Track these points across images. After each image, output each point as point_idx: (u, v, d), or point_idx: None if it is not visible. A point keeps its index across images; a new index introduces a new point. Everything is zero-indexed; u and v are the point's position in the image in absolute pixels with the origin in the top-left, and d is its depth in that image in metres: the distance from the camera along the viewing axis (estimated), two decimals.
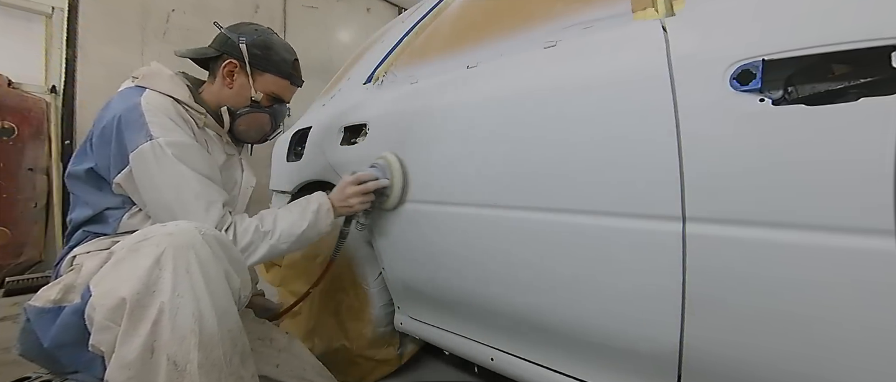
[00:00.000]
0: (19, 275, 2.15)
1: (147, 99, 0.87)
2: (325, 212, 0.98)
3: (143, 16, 2.58)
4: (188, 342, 0.61)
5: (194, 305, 0.63)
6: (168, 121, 0.86)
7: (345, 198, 1.01)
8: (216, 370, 0.63)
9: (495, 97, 0.86)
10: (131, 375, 0.60)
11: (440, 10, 1.29)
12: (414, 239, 1.04)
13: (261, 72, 0.98)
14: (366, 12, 3.86)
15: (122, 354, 0.61)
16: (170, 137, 0.84)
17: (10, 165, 2.10)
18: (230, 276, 0.70)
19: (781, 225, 0.52)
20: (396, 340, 1.28)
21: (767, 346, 0.56)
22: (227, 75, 0.98)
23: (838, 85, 0.50)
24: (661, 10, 0.66)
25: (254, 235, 0.89)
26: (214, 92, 1.00)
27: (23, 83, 2.24)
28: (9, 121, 2.09)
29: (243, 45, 0.95)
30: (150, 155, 0.82)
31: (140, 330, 0.61)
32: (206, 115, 0.96)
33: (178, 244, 0.65)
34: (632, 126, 0.65)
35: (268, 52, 0.98)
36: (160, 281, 0.63)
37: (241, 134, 1.02)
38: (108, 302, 0.63)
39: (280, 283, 1.44)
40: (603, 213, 0.69)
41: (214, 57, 0.99)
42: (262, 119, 1.02)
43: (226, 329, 0.66)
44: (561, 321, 0.79)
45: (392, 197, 1.02)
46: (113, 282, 0.64)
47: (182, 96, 0.92)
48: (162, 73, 0.94)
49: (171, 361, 0.61)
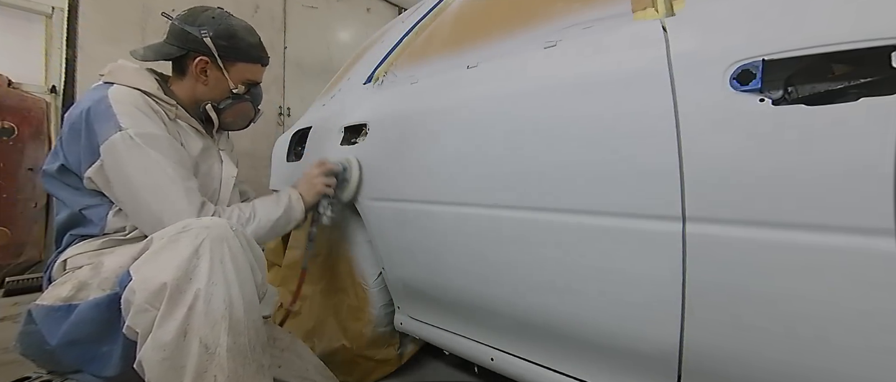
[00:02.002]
0: (19, 275, 2.15)
1: (114, 92, 0.86)
2: (295, 201, 1.03)
3: (143, 16, 2.58)
4: (219, 326, 0.66)
5: (226, 292, 0.67)
6: (137, 112, 0.85)
7: (311, 180, 1.07)
8: (241, 355, 0.67)
9: (495, 97, 0.86)
10: (166, 356, 0.64)
11: (440, 10, 1.29)
12: (414, 239, 1.04)
13: (232, 62, 0.97)
14: (366, 12, 3.86)
15: (159, 335, 0.65)
16: (140, 128, 0.83)
17: (10, 165, 2.10)
18: (254, 270, 0.74)
19: (781, 225, 0.52)
20: (396, 340, 1.27)
21: (768, 346, 0.56)
22: (199, 72, 0.95)
23: (838, 85, 0.50)
24: (661, 10, 0.66)
25: (237, 221, 0.89)
26: (187, 87, 0.98)
27: (23, 83, 2.24)
28: (9, 121, 2.09)
29: (208, 40, 0.93)
30: (121, 145, 0.81)
31: (176, 314, 0.65)
32: (178, 107, 0.94)
33: (215, 236, 0.69)
34: (632, 126, 0.64)
35: (234, 41, 0.96)
36: (197, 269, 0.67)
37: (228, 125, 1.03)
38: (150, 286, 0.66)
39: (280, 283, 1.44)
40: (603, 213, 0.69)
41: (179, 56, 0.96)
42: (246, 107, 1.03)
43: (251, 318, 0.70)
44: (561, 321, 0.79)
45: (350, 184, 1.13)
46: (154, 269, 0.68)
47: (150, 88, 0.91)
48: (127, 67, 0.92)
49: (202, 344, 0.65)
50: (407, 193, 1.03)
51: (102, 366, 0.77)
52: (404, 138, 1.03)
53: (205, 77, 0.97)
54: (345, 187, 1.14)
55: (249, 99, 1.03)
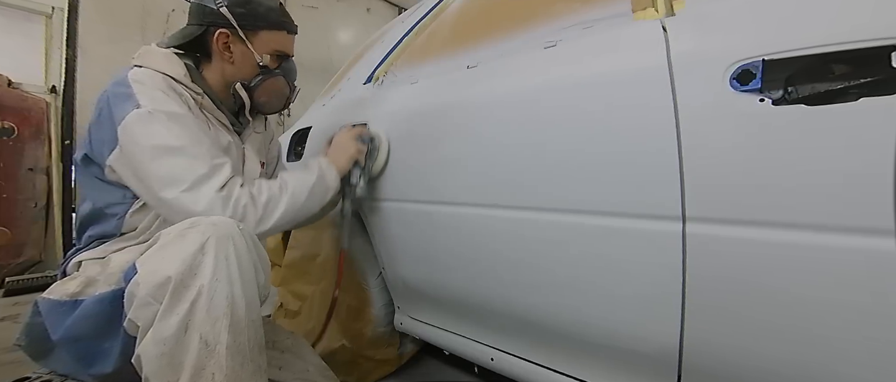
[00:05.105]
0: (19, 275, 2.15)
1: (135, 72, 0.82)
2: (326, 167, 0.95)
3: (143, 16, 2.58)
4: (220, 324, 0.65)
5: (229, 290, 0.66)
6: (159, 92, 0.80)
7: (343, 144, 0.99)
8: (240, 354, 0.66)
9: (495, 97, 0.86)
10: (165, 350, 0.63)
11: (440, 10, 1.29)
12: (414, 239, 1.04)
13: (254, 31, 0.90)
14: (366, 12, 3.87)
15: (160, 329, 0.64)
16: (159, 106, 0.78)
17: (10, 165, 2.10)
18: (258, 271, 0.73)
19: (781, 225, 0.52)
20: (396, 340, 1.28)
21: (768, 346, 0.56)
22: (223, 49, 0.90)
23: (838, 85, 0.50)
24: (661, 10, 0.66)
25: (270, 192, 0.83)
26: (215, 70, 0.93)
27: (23, 83, 2.24)
28: (9, 121, 2.09)
29: (224, 9, 0.87)
30: (137, 121, 0.75)
31: (178, 309, 0.64)
32: (203, 96, 0.89)
33: (221, 234, 0.68)
34: (632, 126, 0.64)
35: (251, 6, 0.89)
36: (202, 265, 0.66)
37: (263, 106, 0.96)
38: (155, 279, 0.65)
39: (280, 283, 1.44)
40: (603, 213, 0.69)
41: (200, 34, 0.90)
42: (279, 83, 0.95)
43: (250, 318, 0.69)
44: (561, 321, 0.79)
45: (380, 154, 1.05)
46: (160, 262, 0.67)
47: (176, 73, 0.85)
48: (155, 51, 0.88)
49: (202, 340, 0.64)
50: (407, 193, 1.03)
51: (101, 363, 0.76)
52: (404, 138, 1.03)
53: (229, 53, 0.91)
54: (374, 157, 1.06)
55: (281, 73, 0.95)
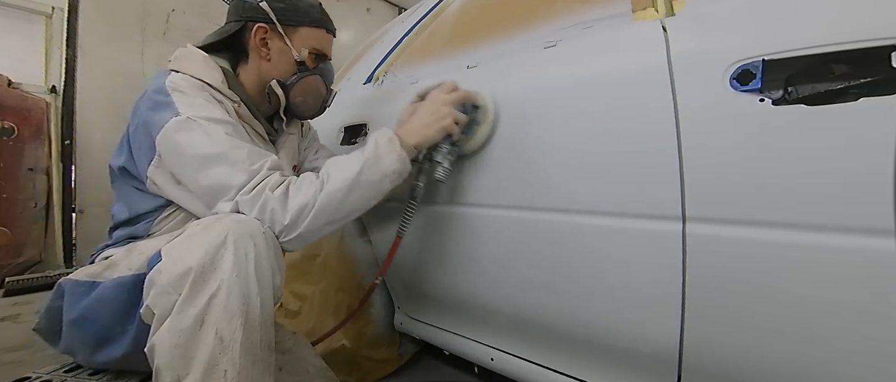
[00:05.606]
0: (19, 275, 2.14)
1: (173, 79, 0.80)
2: (385, 143, 0.78)
3: (143, 16, 2.58)
4: (236, 320, 0.65)
5: (246, 288, 0.66)
6: (199, 99, 0.78)
7: (436, 110, 0.80)
8: (252, 352, 0.67)
9: (495, 97, 0.86)
10: (179, 342, 0.63)
11: (440, 10, 1.29)
12: (414, 240, 1.04)
13: (293, 26, 0.88)
14: (366, 12, 3.86)
15: (177, 321, 0.64)
16: (200, 112, 0.76)
17: (10, 165, 2.10)
18: (274, 273, 0.73)
19: (781, 225, 0.52)
20: (396, 340, 1.28)
21: (767, 346, 0.56)
22: (260, 45, 0.88)
23: (838, 85, 0.50)
24: (661, 10, 0.66)
25: (309, 186, 0.74)
26: (252, 70, 0.90)
27: (23, 83, 2.24)
28: (9, 121, 2.09)
29: (264, 3, 0.85)
30: (174, 129, 0.74)
31: (197, 302, 0.64)
32: (240, 104, 0.87)
33: (243, 231, 0.68)
34: (632, 126, 0.65)
35: (291, 1, 0.88)
36: (223, 259, 0.66)
37: (298, 107, 0.91)
38: (177, 268, 0.65)
39: None
40: (603, 213, 0.69)
41: (238, 31, 0.89)
42: (316, 82, 0.91)
43: (263, 317, 0.69)
44: (561, 321, 0.79)
45: (481, 130, 0.81)
46: (184, 251, 0.67)
47: (213, 81, 0.83)
48: (193, 55, 0.86)
49: (218, 335, 0.64)
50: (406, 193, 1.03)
51: (111, 348, 0.76)
52: None
53: (266, 49, 0.88)
54: (473, 133, 0.82)
55: (318, 72, 0.91)
